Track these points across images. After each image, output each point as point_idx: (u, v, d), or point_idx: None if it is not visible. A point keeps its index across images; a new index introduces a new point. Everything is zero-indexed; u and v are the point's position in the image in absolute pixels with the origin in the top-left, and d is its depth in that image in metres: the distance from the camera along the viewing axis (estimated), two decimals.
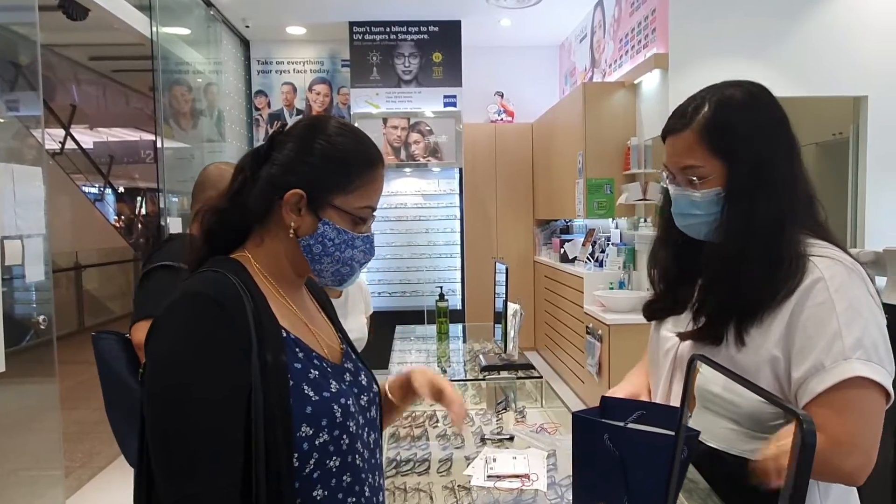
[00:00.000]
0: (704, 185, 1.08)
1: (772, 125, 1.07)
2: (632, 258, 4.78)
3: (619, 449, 0.92)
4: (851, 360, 0.94)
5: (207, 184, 1.90)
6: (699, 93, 1.13)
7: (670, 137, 1.13)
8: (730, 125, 1.06)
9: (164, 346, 0.84)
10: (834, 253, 1.04)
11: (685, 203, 1.12)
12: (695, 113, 1.09)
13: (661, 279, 1.25)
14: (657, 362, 1.26)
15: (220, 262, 0.94)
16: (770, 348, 1.02)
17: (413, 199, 6.20)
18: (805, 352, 0.98)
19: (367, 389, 1.04)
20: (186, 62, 5.50)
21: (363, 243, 1.00)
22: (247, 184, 0.97)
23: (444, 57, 6.09)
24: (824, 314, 0.98)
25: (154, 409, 0.82)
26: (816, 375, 0.96)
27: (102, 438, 4.29)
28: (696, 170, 1.09)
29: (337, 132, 0.98)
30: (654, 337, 1.29)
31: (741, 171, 1.06)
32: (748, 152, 1.05)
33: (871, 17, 4.15)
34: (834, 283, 0.99)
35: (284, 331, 0.91)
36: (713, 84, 1.14)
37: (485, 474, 1.49)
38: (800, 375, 0.99)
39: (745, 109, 1.07)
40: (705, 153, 1.07)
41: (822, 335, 0.97)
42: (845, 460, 0.94)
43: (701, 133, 1.07)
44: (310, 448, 0.88)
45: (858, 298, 0.99)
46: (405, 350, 3.14)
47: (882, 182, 4.13)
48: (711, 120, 1.07)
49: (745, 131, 1.06)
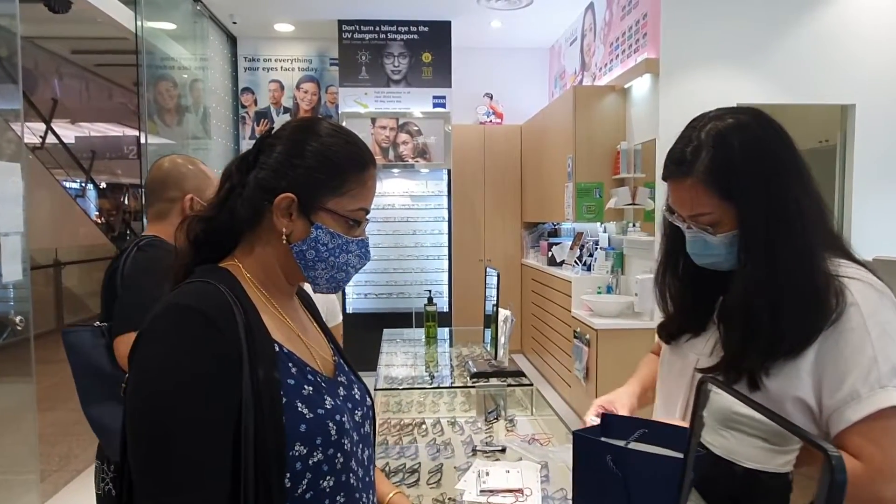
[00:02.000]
0: (720, 229, 1.03)
1: (774, 151, 1.02)
2: (620, 262, 4.77)
3: (622, 471, 0.88)
4: (888, 388, 0.92)
5: (170, 182, 1.77)
6: (691, 131, 1.06)
7: (672, 183, 1.08)
8: (734, 165, 0.99)
9: (149, 363, 0.79)
10: (863, 274, 1.00)
11: (701, 245, 1.06)
12: (694, 157, 1.02)
13: (674, 305, 1.19)
14: (672, 383, 1.21)
15: (208, 271, 0.89)
16: (801, 374, 0.97)
17: (401, 199, 6.16)
18: (839, 379, 0.95)
19: (360, 404, 1.00)
20: (172, 57, 5.41)
21: (358, 247, 0.97)
22: (234, 190, 0.93)
23: (433, 57, 6.05)
24: (858, 340, 0.94)
25: (137, 428, 0.77)
26: (852, 404, 0.93)
27: (80, 440, 4.20)
28: (707, 216, 1.03)
29: (328, 133, 0.95)
30: (667, 359, 1.23)
31: (756, 211, 0.99)
32: (759, 189, 0.99)
33: (860, 26, 4.17)
34: (867, 307, 0.95)
35: (277, 344, 0.87)
36: (702, 115, 1.07)
37: (477, 488, 1.45)
38: (833, 403, 0.95)
39: (746, 143, 1.00)
40: (713, 200, 1.01)
41: (857, 362, 0.93)
42: (884, 490, 0.91)
43: (705, 180, 1.01)
44: (303, 468, 0.84)
45: (891, 323, 0.95)
46: (392, 352, 3.11)
47: (869, 190, 4.16)
48: (713, 163, 1.00)
49: (752, 168, 0.99)
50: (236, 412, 0.78)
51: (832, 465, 0.50)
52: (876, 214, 4.11)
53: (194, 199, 1.76)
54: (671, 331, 1.21)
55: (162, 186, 1.77)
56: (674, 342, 1.21)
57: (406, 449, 1.87)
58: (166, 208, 1.78)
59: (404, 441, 1.95)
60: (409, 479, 1.66)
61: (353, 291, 6.06)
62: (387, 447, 1.90)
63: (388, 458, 1.81)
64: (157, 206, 1.79)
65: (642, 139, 4.43)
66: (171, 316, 0.80)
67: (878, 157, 4.18)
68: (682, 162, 1.03)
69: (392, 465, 1.76)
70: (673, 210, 1.10)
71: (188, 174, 1.79)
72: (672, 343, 1.22)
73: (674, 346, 1.21)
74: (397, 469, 1.73)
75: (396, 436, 2.00)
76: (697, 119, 1.07)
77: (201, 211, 0.95)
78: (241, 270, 0.92)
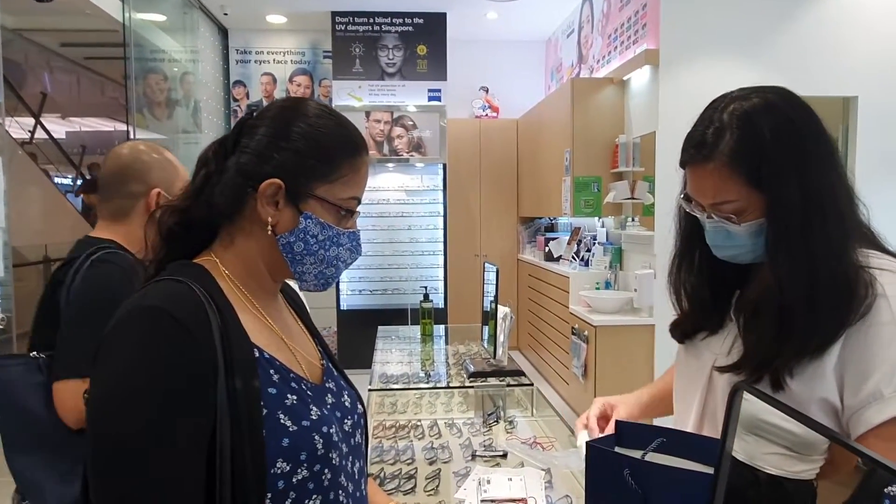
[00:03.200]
0: (744, 218, 0.94)
1: (808, 134, 0.92)
2: (618, 258, 4.69)
3: (642, 487, 0.80)
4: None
5: (130, 174, 1.49)
6: (712, 111, 0.97)
7: (691, 169, 0.98)
8: (763, 149, 0.90)
9: (111, 375, 0.70)
10: (894, 265, 0.92)
11: (723, 236, 0.97)
12: (717, 139, 0.93)
13: (691, 301, 1.10)
14: (688, 384, 1.13)
15: (180, 268, 0.80)
16: (826, 373, 0.90)
17: (396, 194, 6.06)
18: (863, 377, 0.87)
19: (351, 412, 0.92)
20: (162, 50, 5.30)
21: (349, 240, 0.88)
22: (211, 178, 0.84)
23: (428, 50, 5.95)
24: (886, 336, 0.86)
25: (98, 452, 0.68)
26: (874, 404, 0.85)
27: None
28: (731, 205, 0.93)
29: (317, 114, 0.86)
30: (683, 360, 1.15)
31: (789, 201, 0.90)
32: (793, 176, 0.90)
33: (863, 16, 4.10)
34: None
35: (257, 349, 0.78)
36: (724, 95, 0.98)
37: (478, 497, 1.37)
38: (855, 402, 0.88)
39: (778, 125, 0.91)
40: (740, 186, 0.92)
41: (883, 360, 0.85)
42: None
43: (731, 164, 0.92)
44: (286, 486, 0.75)
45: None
46: (387, 350, 3.02)
47: (872, 182, 4.07)
48: (739, 146, 0.91)
49: (784, 152, 0.90)
50: (211, 428, 0.70)
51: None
52: (879, 208, 3.96)
53: (161, 193, 1.50)
54: (686, 329, 1.12)
55: (121, 179, 1.50)
56: (688, 341, 1.13)
57: (402, 453, 1.79)
58: (126, 206, 1.50)
59: (400, 444, 1.86)
60: (406, 486, 1.58)
61: (347, 288, 5.98)
62: (381, 450, 1.82)
63: (384, 464, 1.72)
64: (114, 202, 1.50)
65: (641, 132, 4.35)
66: (136, 320, 0.71)
67: (881, 149, 4.11)
68: (704, 145, 0.94)
69: (388, 470, 1.68)
70: (690, 199, 1.00)
71: (153, 164, 1.51)
72: (687, 342, 1.13)
73: (688, 345, 1.13)
74: (393, 475, 1.64)
75: (392, 438, 1.92)
76: (718, 100, 0.98)
77: (174, 201, 0.86)
78: (217, 267, 0.83)
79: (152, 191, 1.49)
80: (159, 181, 1.51)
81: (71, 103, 9.16)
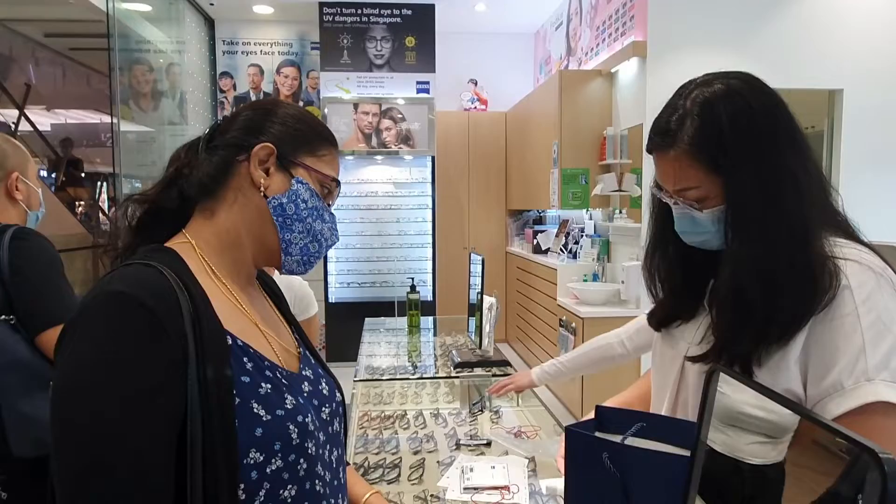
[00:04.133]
0: (707, 204, 0.94)
1: (767, 121, 0.92)
2: (606, 250, 4.70)
3: (620, 470, 0.80)
4: (875, 381, 0.83)
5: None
6: (677, 98, 0.97)
7: (656, 155, 0.99)
8: (721, 136, 0.91)
9: (75, 364, 0.68)
10: (861, 255, 0.91)
11: (689, 222, 0.97)
12: (679, 127, 0.94)
13: (664, 288, 1.11)
14: (663, 373, 1.13)
15: (150, 252, 0.79)
16: (790, 364, 0.90)
17: (384, 187, 6.04)
18: (824, 368, 0.86)
19: (328, 400, 0.90)
20: (147, 40, 5.23)
21: (331, 219, 0.92)
22: (182, 171, 0.86)
23: (417, 41, 5.92)
24: (848, 327, 0.85)
25: (62, 442, 0.66)
26: (835, 396, 0.85)
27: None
28: (693, 191, 0.94)
29: (293, 107, 0.92)
30: (659, 348, 1.16)
31: (744, 187, 0.90)
32: (748, 163, 0.90)
33: (849, 9, 4.11)
34: (861, 292, 0.86)
35: (230, 336, 0.77)
36: (689, 82, 0.98)
37: (461, 485, 1.36)
38: (816, 393, 0.87)
39: (734, 111, 0.91)
40: (701, 173, 0.93)
41: (844, 351, 0.85)
42: None
43: (691, 152, 0.92)
44: (259, 477, 0.74)
45: (888, 311, 0.86)
46: (374, 342, 3.01)
47: (856, 176, 4.12)
48: (699, 133, 0.92)
49: (739, 138, 0.90)
50: (181, 417, 0.69)
51: (885, 472, 0.42)
52: (864, 200, 4.02)
53: (20, 177, 1.67)
54: (661, 317, 1.13)
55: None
56: (664, 329, 1.13)
57: (386, 443, 1.78)
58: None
59: (385, 434, 1.86)
60: (390, 476, 1.57)
61: (335, 280, 5.95)
62: (366, 440, 1.81)
63: (368, 454, 1.72)
64: None
65: (629, 124, 4.35)
66: (103, 306, 0.69)
67: (866, 142, 4.14)
68: (667, 132, 0.95)
69: (371, 460, 1.67)
70: (661, 186, 1.01)
71: (9, 151, 1.69)
72: (662, 330, 1.14)
73: (664, 333, 1.14)
74: (377, 465, 1.64)
75: (377, 429, 1.91)
76: (684, 86, 0.98)
77: (142, 194, 0.86)
78: (191, 249, 0.82)
79: (11, 175, 1.66)
80: (16, 166, 1.69)
81: (56, 95, 9.05)
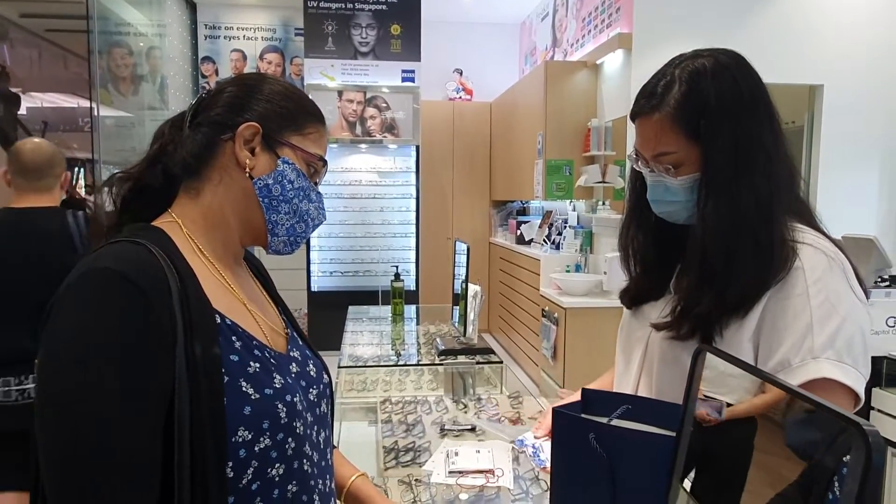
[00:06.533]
0: (681, 171, 0.97)
1: (750, 97, 0.96)
2: (589, 241, 4.73)
3: (606, 451, 0.81)
4: (820, 359, 0.87)
5: None
6: (667, 67, 1.01)
7: (639, 120, 1.01)
8: (705, 104, 0.94)
9: (61, 340, 0.66)
10: (816, 240, 0.95)
11: (661, 190, 1.00)
12: (665, 92, 0.97)
13: (638, 264, 1.14)
14: (629, 351, 1.17)
15: (137, 230, 0.78)
16: (743, 342, 0.94)
17: (368, 176, 6.01)
18: (773, 346, 0.91)
19: (316, 381, 0.90)
20: (127, 23, 5.14)
21: (318, 199, 0.90)
22: (166, 147, 0.84)
23: (402, 30, 5.87)
24: (798, 307, 0.90)
25: (48, 421, 0.65)
26: (781, 373, 0.88)
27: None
28: (670, 156, 0.97)
29: (280, 82, 0.90)
30: (627, 323, 1.19)
31: (721, 155, 0.94)
32: (727, 133, 0.94)
33: (829, 6, 4.17)
34: (813, 274, 0.91)
35: (218, 315, 0.76)
36: (682, 54, 1.02)
37: (446, 469, 1.37)
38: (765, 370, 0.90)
39: (721, 84, 0.95)
40: (680, 138, 0.96)
41: (793, 330, 0.89)
42: None
43: (674, 116, 0.95)
44: (248, 455, 0.74)
45: (837, 293, 0.90)
46: (358, 331, 3.00)
47: (836, 170, 4.18)
48: (684, 100, 0.95)
49: (723, 109, 0.94)
50: (168, 395, 0.68)
51: (869, 443, 0.43)
52: (843, 194, 4.13)
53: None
54: (634, 294, 1.16)
55: None
56: (635, 307, 1.17)
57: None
58: None
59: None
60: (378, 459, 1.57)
61: (318, 269, 5.92)
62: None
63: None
64: None
65: (613, 116, 4.37)
66: (88, 283, 0.68)
67: (846, 137, 4.20)
68: (654, 96, 0.98)
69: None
70: (638, 156, 1.03)
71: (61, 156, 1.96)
72: (633, 308, 1.17)
73: (635, 311, 1.17)
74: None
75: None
76: (676, 58, 1.02)
77: (125, 171, 0.85)
78: (178, 228, 0.81)
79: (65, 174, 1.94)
80: None
81: (32, 77, 8.85)
